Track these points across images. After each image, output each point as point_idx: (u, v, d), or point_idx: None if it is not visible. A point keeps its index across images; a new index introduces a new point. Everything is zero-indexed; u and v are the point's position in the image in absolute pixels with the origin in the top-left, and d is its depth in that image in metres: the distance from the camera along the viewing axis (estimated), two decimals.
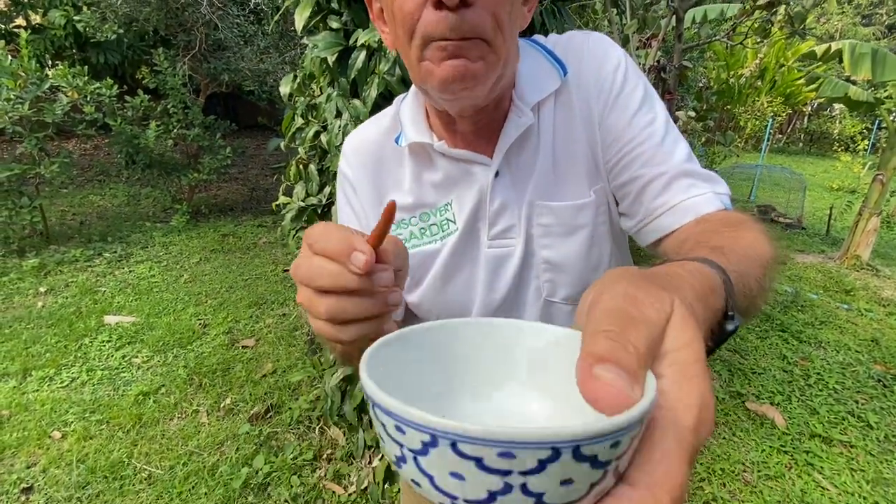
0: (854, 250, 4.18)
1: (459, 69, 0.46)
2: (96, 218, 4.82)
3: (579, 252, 0.58)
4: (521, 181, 0.57)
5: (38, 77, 3.63)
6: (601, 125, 0.55)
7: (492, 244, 0.60)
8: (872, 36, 13.43)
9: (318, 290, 0.34)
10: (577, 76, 0.56)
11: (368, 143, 0.64)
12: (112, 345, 2.69)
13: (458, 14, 0.44)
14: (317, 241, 0.34)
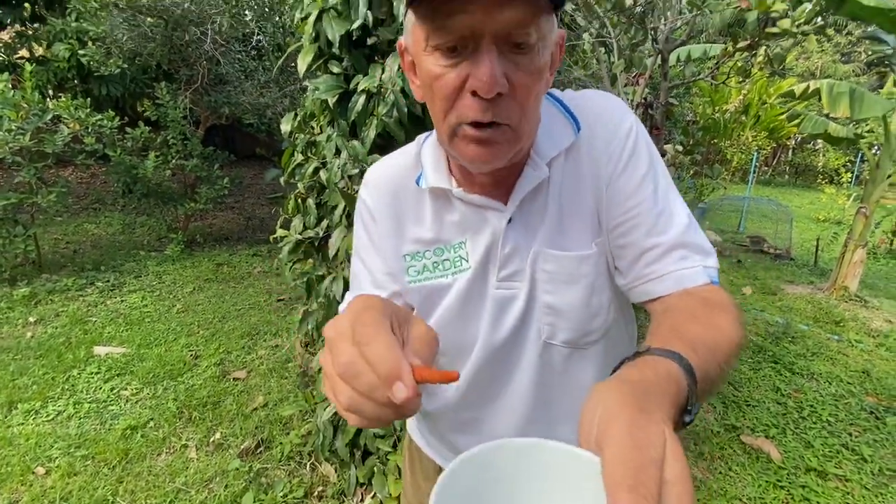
0: (842, 281, 4.25)
1: (485, 154, 0.52)
2: (90, 246, 4.82)
3: (580, 300, 0.61)
4: (531, 229, 0.61)
5: (39, 108, 3.70)
6: (608, 186, 0.59)
7: (499, 286, 0.63)
8: (852, 73, 14.00)
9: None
10: (590, 135, 0.60)
11: (391, 177, 0.68)
12: (101, 377, 2.65)
13: (492, 102, 0.48)
14: (367, 342, 0.35)
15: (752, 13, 3.14)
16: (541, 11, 0.48)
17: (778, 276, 4.87)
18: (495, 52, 0.47)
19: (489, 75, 0.46)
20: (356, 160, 1.45)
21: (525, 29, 0.47)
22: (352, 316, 0.37)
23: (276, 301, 3.72)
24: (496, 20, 0.45)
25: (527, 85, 0.49)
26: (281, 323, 3.34)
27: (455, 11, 0.45)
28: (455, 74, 0.49)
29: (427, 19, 0.48)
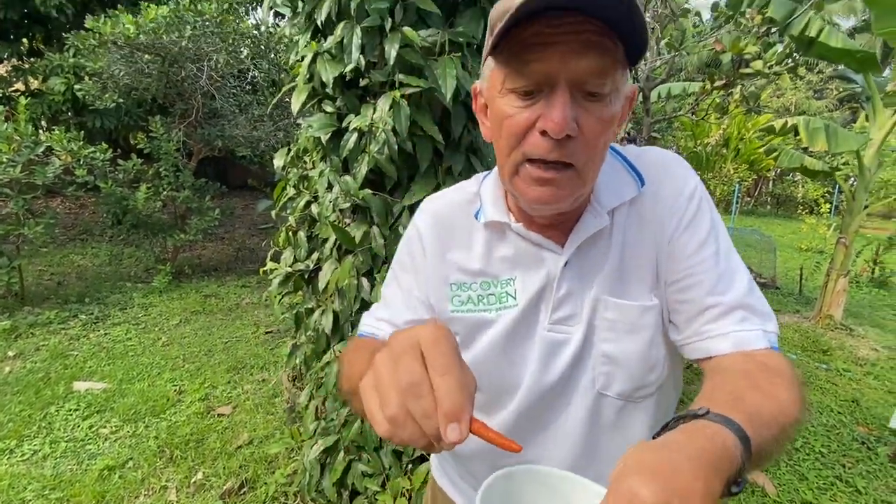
0: (827, 310, 4.31)
1: (547, 195, 0.53)
2: (75, 278, 4.74)
3: (639, 351, 0.60)
4: (589, 275, 0.61)
5: (32, 140, 3.72)
6: (670, 242, 0.59)
7: (551, 328, 0.62)
8: (825, 108, 14.64)
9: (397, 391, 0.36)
10: (656, 192, 0.61)
11: (447, 208, 0.70)
12: (79, 413, 2.56)
13: (559, 143, 0.50)
14: (441, 372, 0.35)
15: (727, 55, 3.32)
16: (616, 64, 0.50)
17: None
18: (568, 97, 0.49)
19: (561, 117, 0.48)
20: (348, 195, 1.47)
21: (600, 79, 0.49)
22: (426, 338, 0.37)
23: (265, 333, 3.66)
24: (572, 69, 0.48)
25: (595, 131, 0.51)
26: (268, 356, 3.28)
27: (533, 59, 0.48)
28: (527, 115, 0.51)
29: (507, 64, 0.51)
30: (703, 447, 0.35)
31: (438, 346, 0.37)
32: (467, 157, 1.52)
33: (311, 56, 1.41)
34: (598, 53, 0.48)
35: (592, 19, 0.47)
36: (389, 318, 0.71)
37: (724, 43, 3.36)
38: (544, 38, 0.48)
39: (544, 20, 0.47)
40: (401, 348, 0.37)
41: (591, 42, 0.48)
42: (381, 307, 0.74)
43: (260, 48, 4.88)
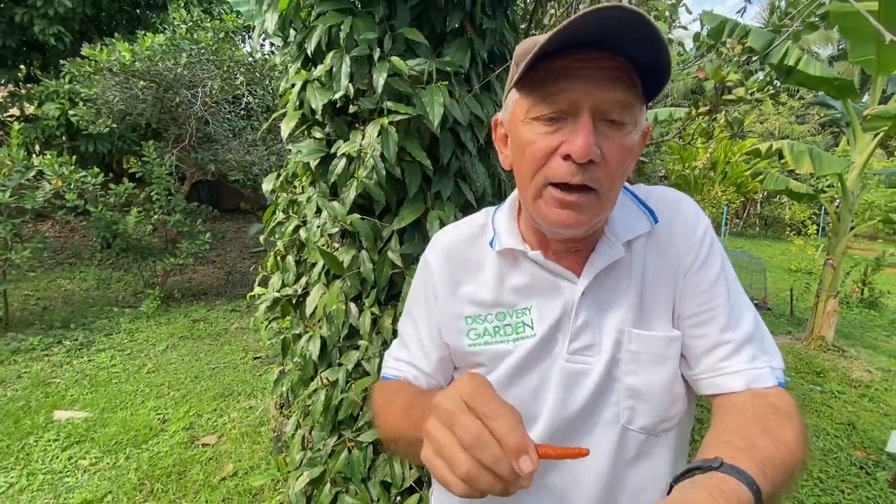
0: (818, 331, 4.32)
1: (570, 219, 0.54)
2: (62, 303, 4.66)
3: (664, 383, 0.60)
4: (608, 305, 0.62)
5: (23, 165, 3.71)
6: (685, 277, 0.61)
7: (570, 358, 0.61)
8: (808, 133, 15.05)
9: (464, 449, 0.38)
10: (670, 229, 0.63)
11: (457, 241, 0.70)
12: (59, 444, 2.47)
13: (582, 167, 0.51)
14: (494, 417, 0.38)
15: (710, 82, 3.42)
16: (636, 99, 0.53)
17: None
18: (591, 125, 0.51)
19: (585, 142, 0.49)
20: (336, 219, 1.47)
21: (622, 110, 0.52)
22: (467, 392, 0.40)
23: (253, 359, 3.60)
24: (596, 98, 0.50)
25: (617, 159, 0.53)
26: (256, 382, 3.21)
27: (561, 89, 0.51)
28: (549, 140, 0.53)
29: (532, 93, 0.53)
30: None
31: (481, 394, 0.40)
32: (456, 182, 1.54)
33: (300, 83, 1.43)
34: (622, 87, 0.51)
35: (617, 57, 0.50)
36: (409, 359, 0.71)
37: (706, 71, 3.46)
38: (572, 71, 0.51)
39: (572, 55, 0.50)
40: (448, 410, 0.40)
41: (616, 77, 0.51)
42: (400, 347, 0.74)
43: (255, 75, 4.96)
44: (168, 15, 5.62)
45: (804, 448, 0.49)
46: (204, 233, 4.85)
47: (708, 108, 3.90)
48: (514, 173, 0.61)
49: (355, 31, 1.36)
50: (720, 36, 3.86)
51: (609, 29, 0.47)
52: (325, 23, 1.37)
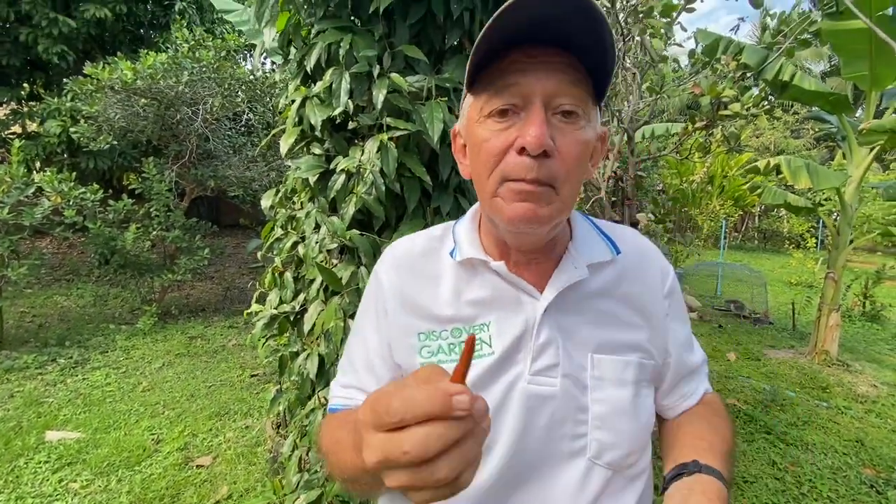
0: (822, 346, 4.28)
1: (528, 212, 0.52)
2: (57, 320, 4.61)
3: (632, 410, 0.59)
4: (571, 327, 0.59)
5: (23, 182, 3.72)
6: (666, 318, 0.65)
7: (532, 380, 0.57)
8: (803, 147, 15.19)
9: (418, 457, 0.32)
10: (637, 264, 0.65)
11: (411, 253, 0.67)
12: (49, 466, 2.41)
13: (537, 161, 0.50)
14: (403, 412, 0.32)
15: (706, 98, 3.46)
16: (587, 95, 0.53)
17: (759, 341, 4.89)
18: (544, 115, 0.50)
19: (538, 132, 0.49)
20: (335, 235, 1.46)
21: (573, 100, 0.51)
22: (365, 418, 0.36)
23: (250, 377, 3.54)
24: (546, 88, 0.51)
25: (572, 152, 0.52)
26: (253, 401, 3.16)
27: (511, 83, 0.51)
28: (504, 136, 0.52)
29: (485, 90, 0.53)
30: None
31: (391, 406, 0.34)
32: (455, 197, 1.53)
33: (300, 100, 1.44)
34: (571, 79, 0.51)
35: (566, 52, 0.51)
36: (358, 383, 0.66)
37: (702, 87, 3.50)
38: (521, 66, 0.51)
39: (521, 50, 0.51)
40: (387, 448, 0.34)
41: (565, 69, 0.51)
42: (347, 371, 0.68)
43: (255, 92, 5.01)
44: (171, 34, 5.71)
45: (734, 434, 0.65)
46: (203, 248, 4.83)
47: (704, 124, 3.94)
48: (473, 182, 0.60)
49: (355, 48, 1.37)
50: (714, 53, 3.91)
51: (550, 15, 0.47)
52: (325, 40, 1.38)
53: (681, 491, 0.53)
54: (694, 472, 0.55)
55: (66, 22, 6.28)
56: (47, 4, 6.23)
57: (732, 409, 3.23)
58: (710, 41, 3.96)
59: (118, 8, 6.70)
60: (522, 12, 0.47)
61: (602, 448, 0.57)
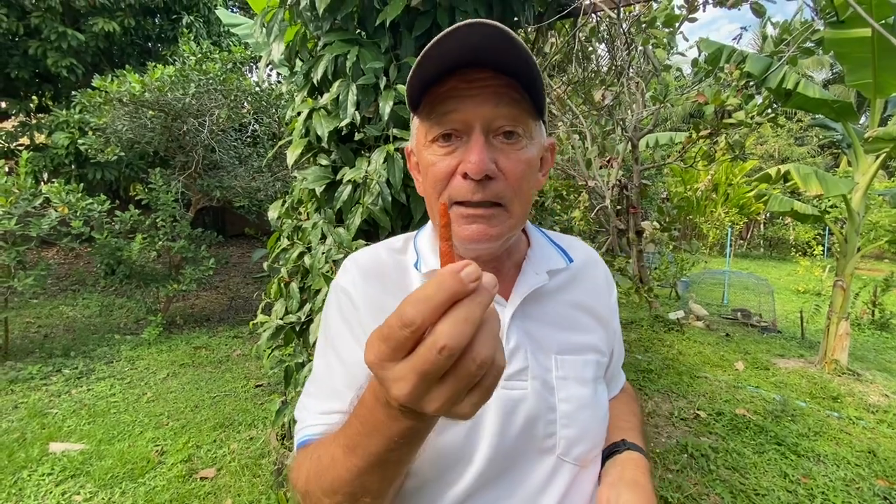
0: (832, 355, 4.22)
1: (478, 233, 0.55)
2: (63, 330, 4.62)
3: (594, 406, 0.63)
4: (535, 330, 0.62)
5: (30, 193, 3.75)
6: (613, 319, 0.72)
7: (505, 385, 0.59)
8: (807, 154, 15.14)
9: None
10: (587, 271, 0.71)
11: (376, 263, 0.66)
12: (53, 478, 2.40)
13: (481, 184, 0.53)
14: (424, 312, 0.30)
15: (709, 107, 3.46)
16: (526, 114, 0.55)
17: (768, 350, 4.84)
18: (483, 140, 0.53)
19: (478, 158, 0.52)
20: (341, 245, 1.46)
21: (512, 122, 0.54)
22: (371, 354, 0.34)
23: (255, 387, 3.53)
24: (485, 114, 0.53)
25: (516, 171, 0.55)
26: (257, 412, 3.14)
27: (450, 110, 0.54)
28: (449, 161, 0.55)
29: (428, 118, 0.56)
30: (649, 479, 0.62)
31: (407, 314, 0.32)
32: None
33: (307, 112, 1.44)
34: (507, 102, 0.53)
35: (500, 75, 0.53)
36: (342, 406, 0.59)
37: (706, 95, 3.51)
38: (459, 92, 0.53)
39: (458, 76, 0.53)
40: (421, 365, 0.32)
41: (500, 93, 0.53)
42: (323, 395, 0.61)
43: (261, 103, 5.06)
44: (178, 47, 5.79)
45: (642, 408, 0.79)
46: (208, 258, 4.85)
47: (708, 132, 3.94)
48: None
49: (361, 60, 1.38)
50: (717, 62, 3.92)
51: (479, 45, 0.50)
52: (332, 52, 1.39)
53: (616, 466, 0.63)
54: (624, 449, 0.65)
55: (74, 35, 6.39)
56: (56, 18, 6.35)
57: (742, 419, 3.19)
58: (712, 50, 3.97)
59: (126, 21, 6.83)
60: (454, 42, 0.49)
61: (570, 444, 0.60)
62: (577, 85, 3.54)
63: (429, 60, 0.51)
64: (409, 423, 0.38)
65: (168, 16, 7.53)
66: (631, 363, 4.14)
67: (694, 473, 2.57)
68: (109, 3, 6.68)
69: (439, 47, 0.50)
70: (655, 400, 3.49)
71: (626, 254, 5.13)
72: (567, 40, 2.84)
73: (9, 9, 6.19)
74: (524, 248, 0.67)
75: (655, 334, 5.05)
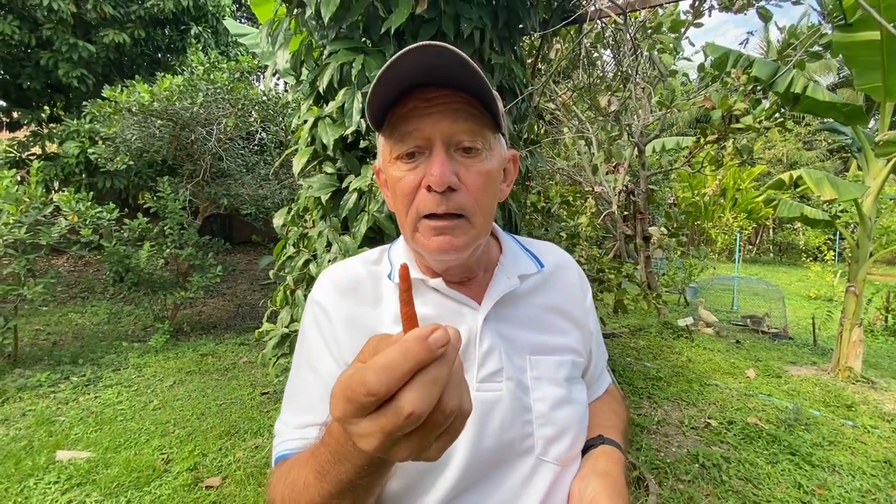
0: (845, 362, 4.15)
1: (445, 244, 0.57)
2: (71, 337, 4.65)
3: (571, 405, 0.65)
4: (508, 333, 0.64)
5: (41, 202, 3.79)
6: (586, 319, 0.73)
7: (480, 387, 0.60)
8: (816, 158, 15.00)
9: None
10: (558, 275, 0.73)
11: (350, 276, 0.67)
12: (59, 487, 2.40)
13: (445, 195, 0.55)
14: (388, 381, 0.31)
15: (717, 112, 3.44)
16: (485, 127, 0.58)
17: (779, 357, 4.76)
18: (445, 154, 0.56)
19: (440, 171, 0.54)
20: (346, 253, 1.45)
21: (471, 136, 0.56)
22: (337, 408, 0.35)
23: (260, 395, 3.52)
24: (445, 130, 0.55)
25: (477, 183, 0.57)
26: (263, 420, 3.13)
27: (412, 128, 0.56)
28: (413, 176, 0.57)
29: (391, 136, 0.58)
30: (621, 471, 0.62)
31: (373, 380, 0.33)
32: None
33: (312, 120, 1.45)
34: (465, 117, 0.56)
35: (458, 92, 0.56)
36: (316, 419, 0.60)
37: (713, 100, 3.49)
38: (420, 111, 0.56)
39: (417, 96, 0.56)
40: (384, 425, 0.34)
41: (459, 109, 0.56)
42: (300, 409, 0.62)
43: (268, 112, 5.10)
44: (187, 57, 5.88)
45: (629, 415, 0.80)
46: (215, 266, 4.87)
47: (716, 137, 3.91)
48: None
49: (367, 68, 1.38)
50: (724, 66, 3.90)
51: (433, 65, 0.52)
52: (338, 60, 1.39)
53: (589, 460, 0.64)
54: (599, 444, 0.66)
55: (85, 47, 6.51)
56: (68, 30, 6.47)
57: (754, 428, 3.13)
58: (719, 55, 3.95)
59: (136, 33, 6.94)
60: (407, 63, 0.52)
61: (548, 443, 0.61)
62: (583, 91, 3.53)
63: (385, 83, 0.53)
64: (377, 458, 0.39)
65: (177, 26, 7.64)
66: (640, 370, 4.09)
67: (706, 484, 2.52)
68: (120, 14, 6.80)
69: (393, 70, 0.52)
70: (665, 408, 3.43)
71: (634, 260, 5.09)
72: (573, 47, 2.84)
73: (21, 21, 6.32)
74: (496, 255, 0.69)
75: (664, 341, 4.99)
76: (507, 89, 1.67)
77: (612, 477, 0.60)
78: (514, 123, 1.85)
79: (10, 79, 6.88)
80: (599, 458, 0.63)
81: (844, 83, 14.72)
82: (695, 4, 3.08)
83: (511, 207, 1.73)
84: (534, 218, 3.55)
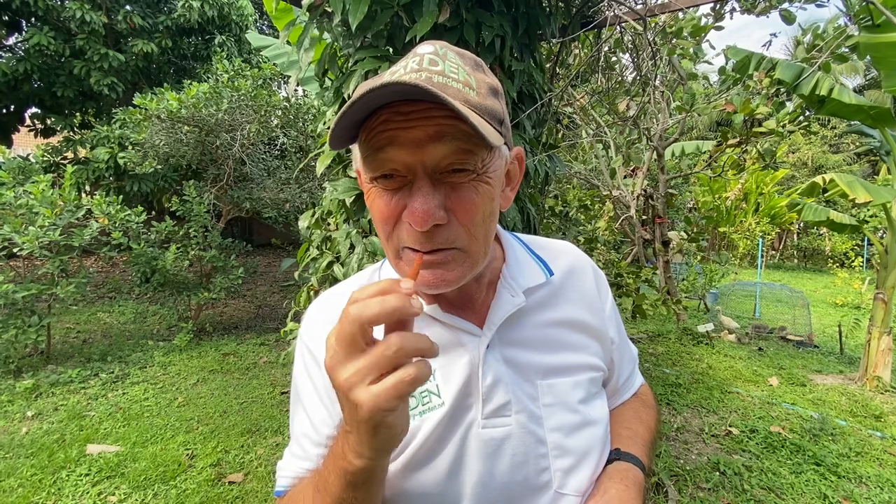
0: (873, 371, 4.02)
1: (434, 279, 0.49)
2: (100, 336, 4.82)
3: (589, 430, 0.58)
4: (516, 358, 0.56)
5: (74, 205, 3.95)
6: (606, 332, 0.65)
7: (486, 423, 0.54)
8: (843, 162, 14.56)
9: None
10: (573, 284, 0.64)
11: (337, 306, 0.56)
12: (90, 479, 2.49)
13: (430, 233, 0.46)
14: (369, 316, 0.37)
15: (738, 116, 3.40)
16: (475, 144, 0.46)
17: (804, 366, 4.64)
18: (429, 185, 0.46)
19: (422, 210, 0.45)
20: (372, 255, 1.49)
21: (461, 157, 0.46)
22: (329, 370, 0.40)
23: (280, 394, 3.59)
24: (428, 157, 0.45)
25: (469, 212, 0.48)
26: (283, 418, 3.19)
27: (385, 147, 0.46)
28: (393, 203, 0.48)
29: (363, 154, 0.48)
30: (636, 495, 0.55)
31: (335, 346, 0.40)
32: None
33: None
34: (452, 137, 0.45)
35: (441, 106, 0.43)
36: (311, 468, 0.58)
37: (734, 104, 3.45)
38: (394, 126, 0.45)
39: (392, 108, 0.45)
40: (364, 365, 0.39)
41: (444, 127, 0.45)
42: (298, 456, 0.60)
43: (289, 118, 5.22)
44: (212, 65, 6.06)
45: (659, 422, 0.72)
46: (237, 267, 4.99)
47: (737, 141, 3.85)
48: None
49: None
50: (746, 69, 3.85)
51: (407, 87, 0.42)
52: (363, 68, 1.44)
53: (602, 483, 0.57)
54: (614, 459, 0.59)
55: (116, 56, 6.76)
56: (99, 40, 6.74)
57: (777, 437, 3.06)
58: (740, 58, 3.90)
59: (164, 42, 7.19)
60: (383, 90, 0.42)
61: (566, 475, 0.55)
62: (601, 95, 3.53)
63: (353, 109, 0.44)
64: (363, 464, 0.42)
65: (202, 35, 7.89)
66: (659, 377, 4.04)
67: (727, 493, 2.48)
68: (148, 25, 7.05)
69: (361, 101, 0.43)
70: (685, 415, 3.39)
71: (653, 264, 5.03)
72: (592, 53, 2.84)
73: (56, 32, 6.61)
74: (499, 266, 0.59)
75: (684, 347, 4.92)
76: (527, 95, 1.70)
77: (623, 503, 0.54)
78: (533, 128, 1.87)
79: (45, 87, 7.20)
80: (612, 482, 0.56)
81: (871, 85, 14.31)
82: (715, 7, 3.05)
83: (530, 211, 1.75)
84: (551, 222, 3.56)
